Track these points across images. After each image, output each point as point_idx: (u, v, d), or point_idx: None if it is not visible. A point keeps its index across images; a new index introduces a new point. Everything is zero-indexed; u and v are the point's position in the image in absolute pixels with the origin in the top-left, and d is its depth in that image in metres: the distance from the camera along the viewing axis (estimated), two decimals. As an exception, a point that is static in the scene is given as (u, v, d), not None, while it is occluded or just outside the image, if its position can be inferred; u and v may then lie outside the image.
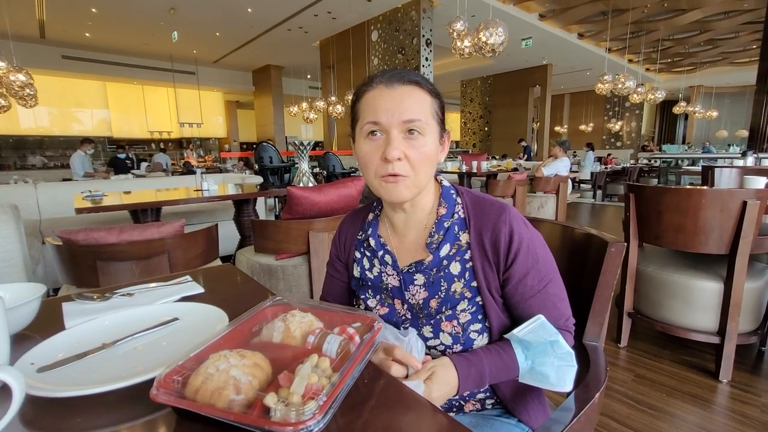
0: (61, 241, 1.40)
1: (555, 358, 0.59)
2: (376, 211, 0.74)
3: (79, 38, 8.57)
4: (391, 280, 0.69)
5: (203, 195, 2.59)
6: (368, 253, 0.72)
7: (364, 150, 0.61)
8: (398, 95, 0.59)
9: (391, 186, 0.60)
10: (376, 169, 0.61)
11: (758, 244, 1.58)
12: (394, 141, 0.59)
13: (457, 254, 0.65)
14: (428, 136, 0.61)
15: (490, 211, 0.64)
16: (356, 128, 0.64)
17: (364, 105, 0.62)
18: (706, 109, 12.67)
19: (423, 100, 0.61)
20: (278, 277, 1.89)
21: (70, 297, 0.70)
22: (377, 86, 0.61)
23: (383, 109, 0.59)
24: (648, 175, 8.72)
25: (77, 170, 6.12)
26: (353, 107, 0.65)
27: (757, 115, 4.57)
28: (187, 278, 0.83)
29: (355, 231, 0.75)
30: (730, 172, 2.91)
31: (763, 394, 1.52)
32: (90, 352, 0.52)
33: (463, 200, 0.68)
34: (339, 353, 0.47)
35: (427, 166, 0.61)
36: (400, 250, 0.69)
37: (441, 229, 0.66)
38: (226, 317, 0.61)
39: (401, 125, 0.59)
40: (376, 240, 0.70)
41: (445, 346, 0.65)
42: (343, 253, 0.76)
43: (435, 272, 0.65)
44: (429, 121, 0.61)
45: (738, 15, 8.01)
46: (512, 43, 6.00)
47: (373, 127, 0.60)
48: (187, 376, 0.41)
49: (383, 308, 0.70)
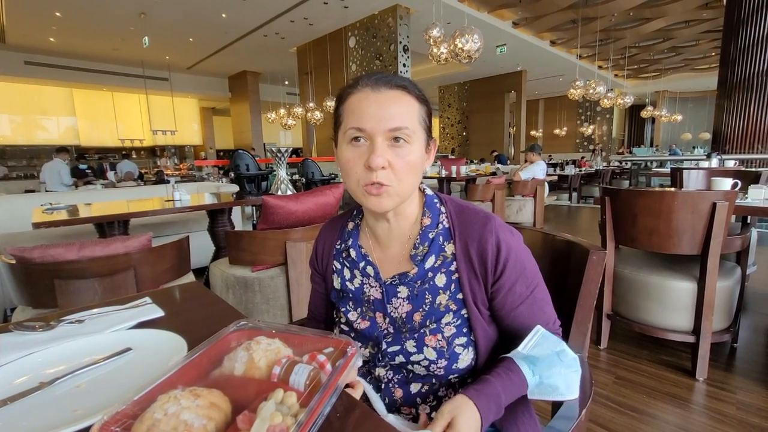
0: (14, 260, 1.29)
1: (563, 368, 0.57)
2: (357, 220, 0.71)
3: (43, 43, 8.21)
4: (373, 291, 0.66)
5: (175, 206, 2.49)
6: (348, 264, 0.69)
7: (346, 156, 0.58)
8: (385, 100, 0.56)
9: (373, 198, 0.57)
10: (358, 177, 0.58)
11: (727, 243, 1.63)
12: (378, 149, 0.55)
13: (443, 266, 0.63)
14: (414, 144, 0.58)
15: (475, 221, 0.62)
16: (339, 132, 0.61)
17: (349, 108, 0.58)
18: (671, 113, 13.27)
19: (410, 107, 0.58)
20: (254, 290, 1.82)
21: (6, 327, 0.62)
22: (363, 89, 0.58)
23: (368, 114, 0.56)
24: (620, 177, 9.03)
25: (55, 180, 5.72)
26: (336, 110, 0.62)
27: (719, 118, 4.80)
28: (146, 300, 0.76)
29: (333, 240, 0.72)
30: (698, 174, 3.02)
31: (737, 391, 1.55)
32: (23, 394, 0.46)
33: (447, 209, 0.66)
34: (308, 385, 0.43)
35: (412, 175, 0.59)
36: (383, 261, 0.66)
37: (426, 240, 0.63)
38: (185, 346, 0.56)
39: (386, 133, 0.56)
40: (357, 251, 0.67)
41: (429, 361, 0.62)
42: (320, 265, 0.73)
43: (419, 285, 0.63)
44: (416, 128, 0.58)
45: (698, 24, 8.45)
46: (487, 49, 6.12)
47: (356, 133, 0.57)
48: (129, 424, 0.35)
49: (364, 321, 0.66)
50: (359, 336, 0.67)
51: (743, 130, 4.53)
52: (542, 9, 7.57)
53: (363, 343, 0.66)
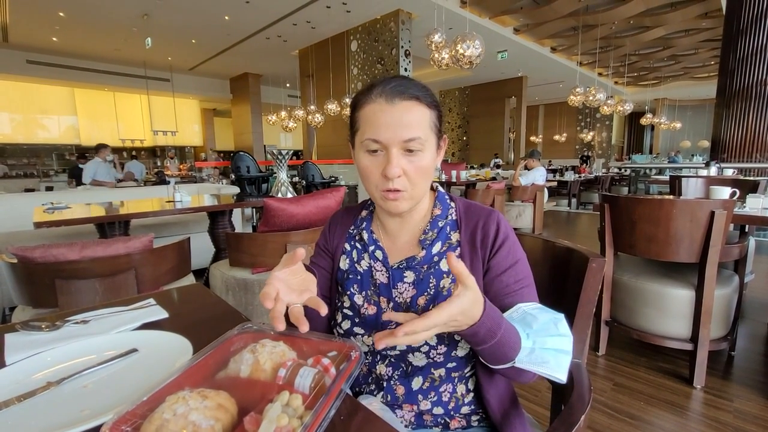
0: (16, 259, 1.29)
1: (557, 339, 0.58)
2: (370, 209, 0.75)
3: (46, 42, 8.22)
4: (379, 276, 0.69)
5: (176, 207, 2.49)
6: (359, 246, 0.72)
7: (364, 164, 0.63)
8: (398, 112, 0.60)
9: (391, 203, 0.63)
10: (376, 183, 0.63)
11: (726, 252, 1.64)
12: (393, 159, 0.60)
13: (448, 251, 0.65)
14: (426, 151, 0.62)
15: (481, 214, 0.68)
16: (356, 139, 0.65)
17: (364, 118, 0.62)
18: (671, 120, 13.33)
19: (423, 115, 0.62)
20: (254, 292, 1.82)
21: (14, 327, 0.63)
22: (377, 100, 0.61)
23: (384, 126, 0.60)
24: (619, 184, 9.05)
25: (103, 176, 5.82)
26: (352, 115, 0.66)
27: (718, 127, 4.82)
28: (150, 301, 0.77)
29: (347, 224, 0.76)
30: (696, 182, 3.04)
31: (735, 399, 1.55)
32: (31, 394, 0.46)
33: (456, 205, 0.71)
34: (313, 388, 0.44)
35: (425, 178, 0.64)
36: (392, 249, 0.70)
37: (435, 227, 0.68)
38: (191, 347, 0.56)
39: (401, 143, 0.60)
40: (368, 234, 0.71)
41: (429, 346, 0.64)
42: (332, 243, 0.76)
43: (425, 269, 0.66)
44: (428, 135, 0.62)
45: (697, 33, 8.52)
46: (488, 55, 6.15)
47: (373, 144, 0.61)
48: (139, 424, 0.36)
49: (371, 307, 0.68)
50: (364, 323, 0.68)
51: (742, 138, 4.56)
52: (543, 16, 7.62)
53: (367, 331, 0.68)
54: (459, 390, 0.67)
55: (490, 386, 0.66)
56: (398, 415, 0.66)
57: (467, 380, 0.67)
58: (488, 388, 0.65)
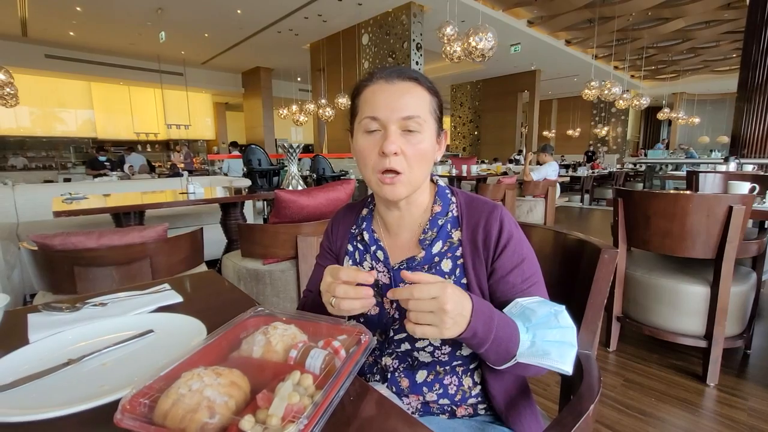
0: (36, 246, 1.34)
1: (558, 331, 0.56)
2: (370, 206, 0.74)
3: (63, 37, 8.37)
4: (381, 277, 0.68)
5: (189, 198, 2.53)
6: (361, 247, 0.72)
7: (362, 145, 0.62)
8: (397, 91, 0.60)
9: (387, 187, 0.61)
10: (373, 164, 0.61)
11: (743, 248, 1.60)
12: (391, 135, 0.59)
13: (449, 251, 0.65)
14: (425, 133, 0.61)
15: (483, 209, 0.66)
16: (355, 123, 0.65)
17: (364, 100, 0.62)
18: (689, 115, 12.97)
19: (421, 97, 0.61)
20: (265, 282, 1.85)
21: (36, 308, 0.65)
22: (377, 81, 0.62)
23: (382, 104, 0.60)
24: (633, 180, 8.87)
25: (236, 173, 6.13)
26: (353, 102, 0.66)
27: (738, 122, 4.67)
28: (166, 286, 0.79)
29: (349, 224, 0.75)
30: (714, 177, 2.96)
31: (749, 398, 1.53)
32: (53, 370, 0.48)
33: (457, 200, 0.69)
34: (323, 369, 0.44)
35: (423, 163, 0.62)
36: (393, 248, 0.69)
37: (435, 226, 0.66)
38: (205, 329, 0.58)
39: (399, 121, 0.59)
40: (370, 234, 0.70)
41: (433, 347, 0.64)
42: (335, 244, 0.75)
43: (426, 269, 0.65)
44: (427, 118, 0.62)
45: (719, 25, 8.24)
46: (501, 48, 6.06)
47: (371, 122, 0.60)
48: (156, 398, 0.37)
49: (374, 308, 0.68)
50: (368, 323, 0.68)
51: (763, 133, 4.41)
52: (558, 8, 7.46)
53: (371, 330, 0.68)
54: (465, 383, 0.67)
55: (495, 381, 0.65)
56: (405, 402, 0.67)
57: (473, 372, 0.67)
58: (493, 383, 0.65)
